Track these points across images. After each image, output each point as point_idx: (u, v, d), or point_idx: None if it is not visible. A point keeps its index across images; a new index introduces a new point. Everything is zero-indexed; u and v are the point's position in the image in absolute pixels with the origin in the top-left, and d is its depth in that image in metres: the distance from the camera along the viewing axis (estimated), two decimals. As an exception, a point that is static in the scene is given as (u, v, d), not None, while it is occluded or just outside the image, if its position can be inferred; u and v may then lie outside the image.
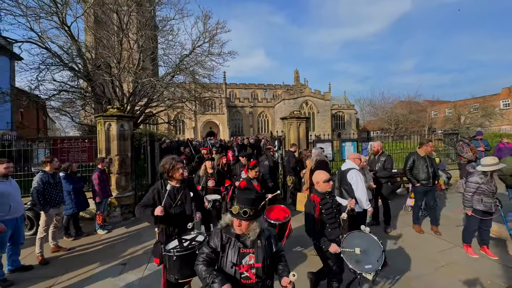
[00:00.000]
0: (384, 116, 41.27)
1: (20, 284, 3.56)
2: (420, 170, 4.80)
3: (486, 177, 3.68)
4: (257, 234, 1.83)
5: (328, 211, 2.75)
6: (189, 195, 2.85)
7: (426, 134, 13.46)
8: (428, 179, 4.75)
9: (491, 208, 3.68)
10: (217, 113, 41.44)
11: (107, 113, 6.14)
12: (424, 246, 4.30)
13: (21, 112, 15.88)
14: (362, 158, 4.56)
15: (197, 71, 11.73)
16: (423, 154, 4.88)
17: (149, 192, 2.71)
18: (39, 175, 4.19)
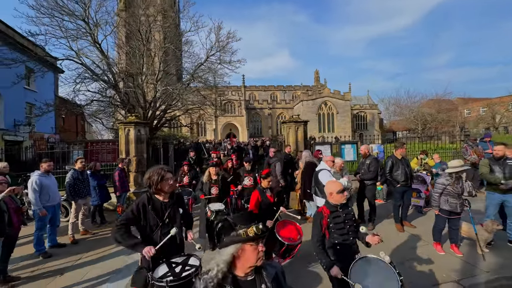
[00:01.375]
0: (410, 116, 39.37)
1: (55, 256, 4.57)
2: (399, 172, 5.07)
3: (452, 179, 3.93)
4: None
5: (339, 225, 2.43)
6: (179, 212, 2.40)
7: (457, 134, 12.89)
8: (407, 180, 5.01)
9: (456, 208, 3.91)
10: (236, 115, 42.71)
11: (126, 120, 7.20)
12: (399, 242, 4.60)
13: (62, 118, 18.16)
14: (338, 161, 5.00)
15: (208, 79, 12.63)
16: (400, 157, 5.14)
17: (133, 206, 2.23)
18: (70, 172, 5.26)
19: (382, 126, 50.56)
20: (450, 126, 34.91)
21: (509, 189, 4.08)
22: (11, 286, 3.59)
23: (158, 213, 2.26)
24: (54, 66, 14.22)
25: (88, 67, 11.05)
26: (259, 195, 3.78)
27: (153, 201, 2.28)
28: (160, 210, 2.28)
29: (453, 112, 36.45)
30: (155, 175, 2.24)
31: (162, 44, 12.76)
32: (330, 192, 2.51)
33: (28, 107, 14.25)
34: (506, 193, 4.16)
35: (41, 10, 9.53)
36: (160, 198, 2.31)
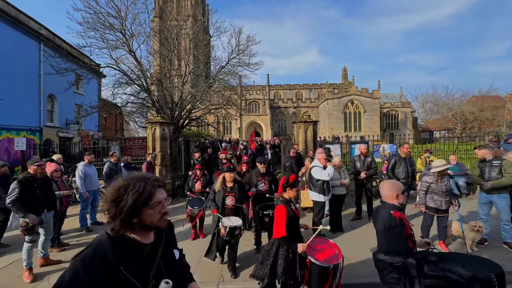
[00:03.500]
0: (448, 115, 36.38)
1: (95, 231, 5.67)
2: (401, 169, 5.26)
3: (435, 177, 4.11)
4: None
5: None
6: (172, 258, 1.29)
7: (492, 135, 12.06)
8: (408, 178, 5.19)
9: (441, 205, 4.09)
10: (260, 114, 43.45)
11: (153, 120, 8.27)
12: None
13: (104, 117, 20.52)
14: (336, 159, 5.36)
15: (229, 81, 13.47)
16: (403, 156, 5.31)
17: (76, 269, 1.01)
18: (107, 164, 6.38)
19: (416, 125, 47.35)
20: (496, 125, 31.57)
21: (494, 189, 4.15)
22: (63, 249, 4.68)
23: (138, 270, 1.08)
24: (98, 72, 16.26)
25: (125, 73, 12.55)
26: (287, 211, 2.67)
27: (124, 249, 1.08)
28: (141, 262, 1.11)
29: (500, 110, 32.90)
30: (132, 193, 1.06)
31: (189, 49, 13.93)
32: (396, 194, 2.25)
33: (77, 108, 16.50)
34: (491, 193, 4.22)
35: (87, 26, 11.15)
36: (137, 236, 1.13)
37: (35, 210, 3.78)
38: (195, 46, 14.27)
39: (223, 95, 15.11)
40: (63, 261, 4.24)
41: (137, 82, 13.01)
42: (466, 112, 32.47)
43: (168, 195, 8.27)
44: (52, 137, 13.91)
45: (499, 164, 4.31)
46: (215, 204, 3.77)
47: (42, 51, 13.14)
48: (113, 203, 1.06)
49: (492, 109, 31.28)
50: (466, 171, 7.78)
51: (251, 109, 44.02)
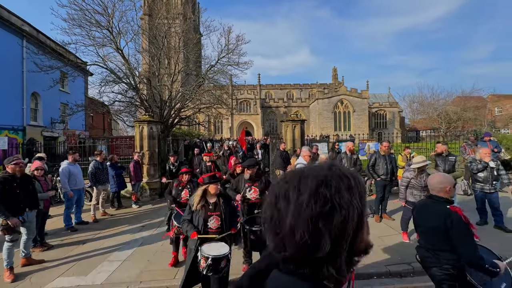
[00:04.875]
0: (433, 115, 37.53)
1: (80, 231, 5.58)
2: (380, 166, 5.44)
3: (415, 173, 4.30)
4: None
5: None
6: None
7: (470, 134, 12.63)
8: (387, 174, 5.38)
9: (420, 199, 4.28)
10: (251, 113, 43.56)
11: (140, 119, 8.19)
12: (373, 232, 5.00)
13: (91, 116, 20.07)
14: (322, 156, 5.49)
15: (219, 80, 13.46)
16: (383, 153, 5.50)
17: None
18: (92, 163, 6.29)
19: (404, 124, 48.58)
20: (478, 125, 32.82)
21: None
22: (45, 249, 4.60)
23: None
24: (84, 70, 15.88)
25: (112, 71, 12.32)
26: None
27: None
28: None
29: (481, 110, 34.21)
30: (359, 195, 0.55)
31: (178, 48, 13.82)
32: (448, 187, 2.19)
33: (62, 107, 16.08)
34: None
35: (72, 22, 10.89)
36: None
37: (16, 209, 3.71)
38: (185, 45, 14.18)
39: (213, 94, 15.07)
40: (45, 261, 4.18)
41: (125, 81, 12.80)
42: (450, 112, 33.56)
43: (155, 194, 8.22)
44: (36, 136, 13.51)
45: (454, 159, 5.11)
46: (192, 226, 2.76)
47: (25, 48, 12.73)
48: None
49: (475, 109, 32.49)
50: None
51: (242, 109, 44.05)
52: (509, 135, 13.32)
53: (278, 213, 0.56)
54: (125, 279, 3.67)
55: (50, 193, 4.74)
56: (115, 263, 4.14)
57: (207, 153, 7.41)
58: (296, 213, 0.52)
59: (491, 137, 7.89)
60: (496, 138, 9.52)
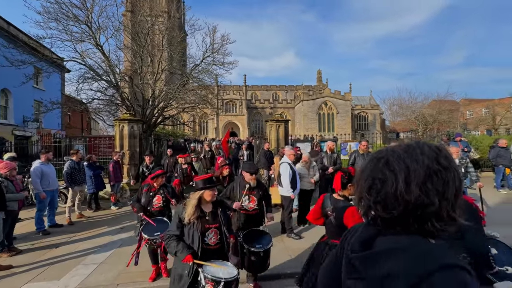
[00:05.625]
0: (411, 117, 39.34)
1: (53, 234, 5.30)
2: (359, 165, 5.62)
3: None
4: None
5: None
6: None
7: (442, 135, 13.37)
8: (365, 173, 5.58)
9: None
10: (237, 114, 43.45)
11: (121, 117, 7.92)
12: (352, 229, 5.17)
13: (69, 115, 19.15)
14: (305, 155, 5.59)
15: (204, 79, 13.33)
16: (362, 152, 5.69)
17: None
18: (68, 163, 6.00)
19: (384, 126, 50.48)
20: (452, 127, 34.81)
21: None
22: (13, 254, 4.32)
23: None
24: (61, 66, 15.13)
25: (91, 68, 11.83)
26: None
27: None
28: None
29: (455, 113, 36.28)
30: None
31: (161, 46, 13.52)
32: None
33: (36, 105, 15.21)
34: None
35: (48, 16, 10.34)
36: None
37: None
38: (169, 43, 13.90)
39: (198, 94, 14.87)
40: (13, 266, 3.92)
41: (105, 78, 12.34)
42: (426, 114, 35.27)
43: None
44: (6, 135, 12.67)
45: None
46: (186, 246, 2.16)
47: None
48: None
49: (449, 112, 34.37)
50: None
51: (228, 109, 43.85)
52: (478, 136, 14.24)
53: (383, 180, 0.66)
54: (101, 282, 3.53)
55: (24, 193, 4.50)
56: (91, 266, 3.97)
57: (182, 155, 6.60)
58: (414, 177, 0.62)
59: (462, 138, 8.39)
60: (466, 138, 10.14)
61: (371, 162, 0.72)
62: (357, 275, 0.69)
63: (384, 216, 0.67)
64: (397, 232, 0.67)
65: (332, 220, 2.36)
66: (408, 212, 0.63)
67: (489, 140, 10.30)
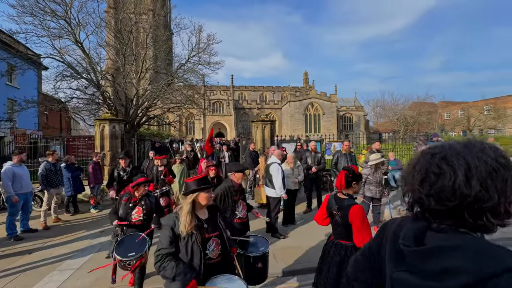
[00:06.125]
0: (393, 118, 40.83)
1: (27, 240, 5.02)
2: (341, 164, 5.75)
3: (372, 169, 4.63)
4: None
5: None
6: None
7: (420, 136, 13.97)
8: (348, 172, 5.71)
9: (376, 194, 4.61)
10: (224, 114, 43.22)
11: (101, 117, 7.65)
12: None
13: (46, 114, 18.25)
14: (289, 155, 5.65)
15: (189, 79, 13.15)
16: (344, 152, 5.83)
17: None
18: (43, 164, 5.71)
19: (368, 127, 51.99)
20: (430, 128, 36.49)
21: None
22: (-18, 261, 4.05)
23: None
24: (37, 63, 14.40)
25: (70, 65, 11.34)
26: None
27: None
28: None
29: (433, 114, 38.03)
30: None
31: (145, 44, 13.20)
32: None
33: (10, 103, 14.38)
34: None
35: (22, 10, 9.81)
36: None
37: None
38: (154, 42, 13.60)
39: (183, 94, 14.64)
40: (-20, 275, 3.68)
41: (86, 76, 11.88)
42: (407, 116, 36.74)
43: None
44: (-25, 136, 11.89)
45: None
46: (188, 267, 1.78)
47: (-38, 35, 11.19)
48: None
49: (428, 114, 35.96)
50: (402, 166, 8.85)
51: (215, 109, 43.52)
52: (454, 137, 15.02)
53: (439, 174, 0.69)
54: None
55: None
56: (66, 272, 3.80)
57: (159, 156, 5.99)
58: (475, 172, 0.65)
59: (439, 138, 8.79)
60: (443, 139, 10.64)
61: (425, 157, 0.74)
62: (408, 268, 0.70)
63: (437, 208, 0.69)
64: (447, 227, 0.70)
65: (338, 219, 2.34)
66: (464, 206, 0.66)
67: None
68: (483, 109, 31.47)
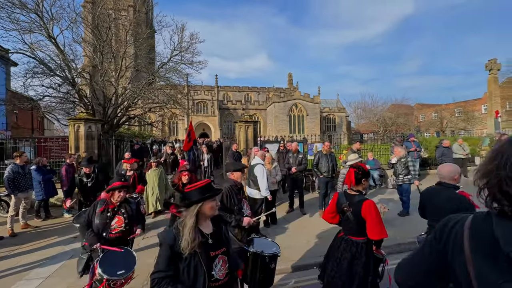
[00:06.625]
0: (373, 119, 42.46)
1: (-10, 248, 4.67)
2: (322, 164, 5.89)
3: (350, 169, 4.78)
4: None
5: None
6: None
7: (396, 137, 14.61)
8: (328, 171, 5.85)
9: (354, 193, 4.77)
10: (209, 114, 42.75)
11: (76, 117, 7.30)
12: (315, 226, 5.38)
13: (16, 113, 17.08)
14: (268, 156, 5.69)
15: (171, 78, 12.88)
16: (325, 152, 5.97)
17: None
18: (10, 166, 5.34)
19: (350, 128, 53.63)
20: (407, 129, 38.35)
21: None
22: None
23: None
24: (5, 58, 13.44)
25: (42, 62, 10.71)
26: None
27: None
28: None
29: (410, 116, 39.98)
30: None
31: (125, 42, 12.75)
32: (456, 176, 2.53)
33: (-27, 101, 13.31)
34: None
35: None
36: None
37: None
38: (134, 39, 13.17)
39: (166, 94, 14.30)
40: None
41: (60, 74, 11.26)
42: (386, 117, 38.34)
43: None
44: None
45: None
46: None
47: None
48: None
49: (405, 116, 37.74)
50: (380, 165, 9.22)
51: (199, 110, 42.93)
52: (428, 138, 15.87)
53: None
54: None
55: None
56: (34, 281, 3.58)
57: (127, 160, 5.30)
58: None
59: (414, 138, 9.26)
60: (418, 139, 11.21)
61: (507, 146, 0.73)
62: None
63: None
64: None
65: (350, 215, 2.38)
66: None
67: (436, 141, 11.51)
68: (454, 112, 33.53)
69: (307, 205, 6.46)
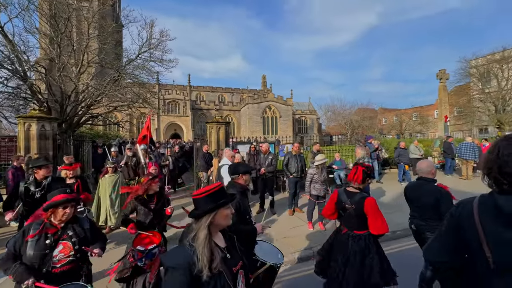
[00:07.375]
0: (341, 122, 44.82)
1: None
2: (292, 165, 6.05)
3: (318, 169, 4.98)
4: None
5: None
6: None
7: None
8: (297, 172, 6.03)
9: (320, 192, 4.98)
10: (181, 115, 41.50)
11: (27, 115, 6.59)
12: (284, 224, 5.52)
13: (-49, 110, 14.88)
14: (237, 156, 5.70)
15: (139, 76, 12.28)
16: (294, 153, 6.15)
17: None
18: None
19: (321, 130, 55.92)
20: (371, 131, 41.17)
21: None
22: None
23: None
24: None
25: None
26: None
27: None
28: None
29: (374, 119, 42.94)
30: None
31: (87, 35, 11.84)
32: (433, 170, 2.85)
33: None
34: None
35: None
36: None
37: None
38: (99, 33, 12.28)
39: (134, 92, 13.55)
40: None
41: (8, 66, 10.08)
42: (353, 120, 40.70)
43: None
44: None
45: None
46: None
47: None
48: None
49: (370, 119, 40.41)
50: (346, 166, 9.74)
51: (171, 110, 41.46)
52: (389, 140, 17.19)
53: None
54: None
55: None
56: (-31, 300, 3.14)
57: (67, 166, 4.33)
58: None
59: (373, 140, 9.97)
60: (379, 141, 12.06)
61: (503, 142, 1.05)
62: None
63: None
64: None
65: (352, 212, 2.51)
66: None
67: (396, 143, 12.50)
68: (412, 116, 36.77)
69: (278, 205, 6.58)
